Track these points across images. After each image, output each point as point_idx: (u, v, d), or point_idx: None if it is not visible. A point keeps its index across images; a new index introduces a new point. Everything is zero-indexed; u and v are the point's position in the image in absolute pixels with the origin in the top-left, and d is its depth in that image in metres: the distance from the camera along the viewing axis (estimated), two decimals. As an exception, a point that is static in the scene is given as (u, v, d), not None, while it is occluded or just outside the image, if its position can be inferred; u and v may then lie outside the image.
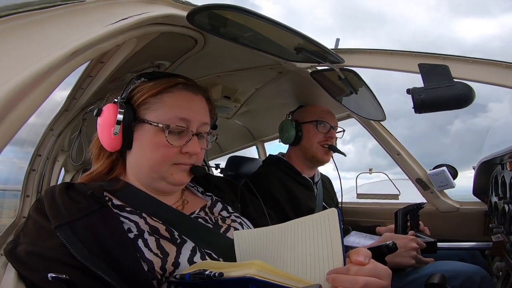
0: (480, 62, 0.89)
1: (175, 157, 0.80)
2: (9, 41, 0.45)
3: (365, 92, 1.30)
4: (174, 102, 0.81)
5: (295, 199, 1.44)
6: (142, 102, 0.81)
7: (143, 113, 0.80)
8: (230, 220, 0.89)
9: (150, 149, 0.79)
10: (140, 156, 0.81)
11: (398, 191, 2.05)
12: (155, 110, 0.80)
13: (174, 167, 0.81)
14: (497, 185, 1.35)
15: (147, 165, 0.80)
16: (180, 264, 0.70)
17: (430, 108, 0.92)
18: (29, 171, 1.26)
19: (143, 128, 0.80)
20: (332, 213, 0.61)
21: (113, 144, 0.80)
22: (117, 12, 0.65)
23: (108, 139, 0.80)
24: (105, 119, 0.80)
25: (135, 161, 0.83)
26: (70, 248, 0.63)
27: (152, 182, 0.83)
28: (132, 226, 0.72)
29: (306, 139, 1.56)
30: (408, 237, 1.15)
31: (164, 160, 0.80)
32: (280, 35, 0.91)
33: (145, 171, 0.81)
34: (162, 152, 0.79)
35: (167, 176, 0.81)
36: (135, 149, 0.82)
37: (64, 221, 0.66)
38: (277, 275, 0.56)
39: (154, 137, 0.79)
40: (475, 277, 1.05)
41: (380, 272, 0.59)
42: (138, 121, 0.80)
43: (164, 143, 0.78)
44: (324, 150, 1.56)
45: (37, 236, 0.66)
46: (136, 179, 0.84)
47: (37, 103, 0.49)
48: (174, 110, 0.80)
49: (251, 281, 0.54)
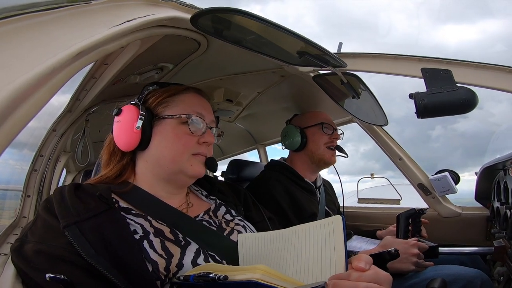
0: (484, 67, 0.89)
1: (194, 147, 0.86)
2: (15, 41, 0.45)
3: (368, 97, 1.30)
4: (190, 101, 0.90)
5: (298, 204, 1.44)
6: (159, 102, 0.87)
7: (161, 110, 0.87)
8: (234, 223, 0.89)
9: (172, 139, 0.85)
10: (161, 149, 0.85)
11: (399, 196, 2.04)
12: (174, 106, 0.87)
13: (193, 158, 0.86)
14: (499, 190, 1.34)
15: (168, 156, 0.84)
16: (184, 266, 0.71)
17: (432, 113, 0.92)
18: (31, 171, 1.26)
19: (163, 123, 0.86)
20: (337, 220, 0.61)
21: (132, 141, 0.83)
22: (122, 14, 0.66)
23: (129, 135, 0.83)
24: (126, 116, 0.84)
25: (154, 157, 0.86)
26: (78, 247, 0.64)
27: (170, 176, 0.86)
28: (138, 228, 0.73)
29: (312, 142, 1.57)
30: (409, 242, 1.15)
31: (185, 150, 0.85)
32: (283, 39, 0.91)
33: (166, 164, 0.85)
34: (183, 142, 0.85)
35: (187, 167, 0.85)
36: (154, 145, 0.85)
37: (73, 220, 0.67)
38: (281, 279, 0.57)
39: (175, 129, 0.85)
40: (476, 281, 1.04)
41: (381, 278, 0.59)
42: (157, 118, 0.86)
43: (186, 132, 0.85)
44: (331, 152, 1.57)
45: (45, 235, 0.67)
46: (152, 177, 0.87)
47: (41, 103, 0.49)
48: (192, 106, 0.88)
49: (256, 285, 0.54)
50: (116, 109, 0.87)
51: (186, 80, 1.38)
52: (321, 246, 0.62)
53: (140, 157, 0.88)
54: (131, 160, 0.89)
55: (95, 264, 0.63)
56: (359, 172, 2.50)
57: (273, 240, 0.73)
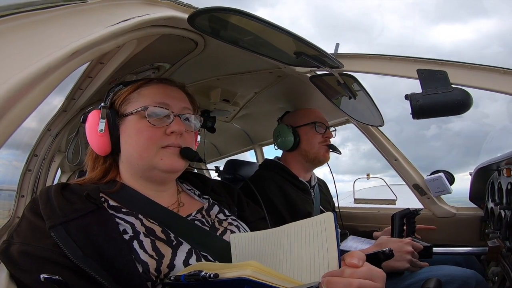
0: (479, 68, 0.90)
1: (160, 140, 0.81)
2: (10, 40, 0.45)
3: (364, 97, 1.31)
4: (151, 92, 0.85)
5: (292, 203, 1.44)
6: (123, 101, 0.85)
7: (124, 109, 0.85)
8: (227, 223, 0.89)
9: (135, 135, 0.82)
10: (128, 148, 0.83)
11: (395, 196, 2.05)
12: (135, 102, 0.84)
13: (162, 150, 0.82)
14: (493, 191, 1.36)
15: (135, 154, 0.81)
16: (176, 266, 0.70)
17: (428, 114, 0.93)
18: (25, 171, 1.25)
19: (126, 121, 0.83)
20: (328, 217, 0.61)
21: (102, 144, 0.82)
22: (118, 13, 0.65)
23: (96, 139, 0.82)
24: (90, 122, 0.84)
25: (125, 156, 0.85)
26: (64, 248, 0.62)
27: (145, 173, 0.83)
28: (128, 228, 0.72)
29: (306, 141, 1.57)
30: (403, 241, 1.16)
31: (150, 144, 0.80)
32: (280, 39, 0.91)
33: (135, 162, 0.82)
34: (146, 136, 0.81)
35: (157, 162, 0.81)
36: (123, 144, 0.84)
37: (59, 221, 0.66)
38: (273, 276, 0.56)
39: (137, 124, 0.82)
40: (471, 281, 1.05)
41: (375, 274, 0.59)
42: (121, 117, 0.84)
43: (147, 125, 0.80)
44: (324, 149, 1.58)
45: (30, 236, 0.66)
46: (131, 176, 0.85)
47: (36, 103, 0.49)
48: (152, 97, 0.84)
49: (246, 282, 0.53)
50: (82, 116, 0.86)
51: (183, 80, 1.37)
52: (313, 243, 0.62)
53: (119, 158, 0.88)
54: (114, 161, 0.89)
55: (82, 266, 0.61)
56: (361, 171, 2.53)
57: (266, 239, 0.73)
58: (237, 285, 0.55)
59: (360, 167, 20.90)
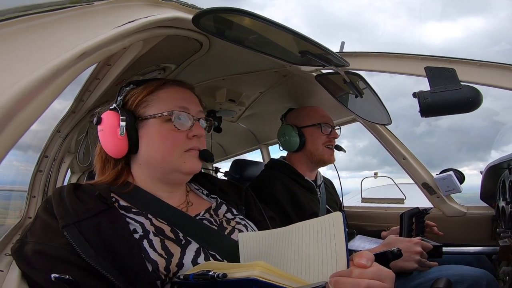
0: (488, 65, 0.88)
1: (184, 143, 0.83)
2: (18, 43, 0.46)
3: (371, 96, 1.29)
4: (169, 95, 0.86)
5: (299, 203, 1.44)
6: (139, 103, 0.84)
7: (142, 111, 0.84)
8: (235, 222, 0.89)
9: (159, 140, 0.82)
10: (150, 151, 0.83)
11: (403, 195, 2.03)
12: (155, 105, 0.84)
13: (185, 154, 0.84)
14: (504, 189, 1.33)
15: (159, 157, 0.82)
16: (184, 265, 0.71)
17: (436, 112, 0.91)
18: (36, 172, 1.27)
19: (147, 124, 0.83)
20: (337, 216, 0.61)
21: (120, 147, 0.81)
22: (124, 15, 0.66)
23: (114, 142, 0.81)
24: (107, 124, 0.81)
25: (145, 159, 0.84)
26: (77, 247, 0.64)
27: (164, 175, 0.85)
28: (138, 227, 0.73)
29: (311, 143, 1.55)
30: (412, 241, 1.14)
31: (174, 148, 0.82)
32: (285, 39, 0.91)
33: (157, 165, 0.83)
34: (171, 140, 0.82)
35: (180, 165, 0.83)
36: (143, 147, 0.83)
37: (72, 221, 0.67)
38: (281, 276, 0.56)
39: (160, 128, 0.82)
40: (481, 281, 1.03)
41: (383, 275, 0.58)
42: (139, 120, 0.83)
43: (172, 129, 0.82)
44: (329, 151, 1.56)
45: (44, 235, 0.67)
46: (147, 178, 0.85)
47: (45, 105, 0.50)
48: (172, 101, 0.85)
49: (254, 283, 0.54)
50: (96, 118, 0.83)
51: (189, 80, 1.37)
52: (321, 243, 0.62)
53: (133, 160, 0.87)
54: (125, 164, 0.87)
55: (94, 265, 0.63)
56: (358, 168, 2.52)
57: (274, 238, 0.73)
58: (245, 285, 0.55)
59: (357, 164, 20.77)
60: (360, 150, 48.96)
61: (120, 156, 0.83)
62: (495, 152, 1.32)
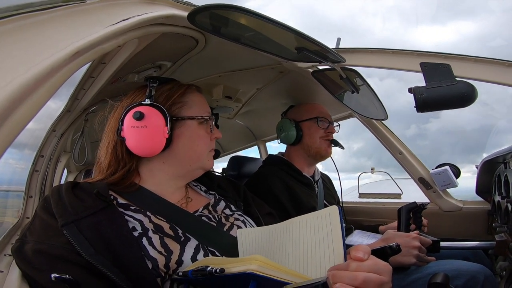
0: (483, 61, 0.88)
1: (210, 144, 0.93)
2: (11, 42, 0.45)
3: (367, 91, 1.30)
4: (200, 100, 0.93)
5: (297, 198, 1.44)
6: (173, 103, 0.86)
7: (177, 111, 0.87)
8: (233, 218, 0.90)
9: (196, 140, 0.88)
10: (187, 150, 0.87)
11: (400, 190, 2.04)
12: (191, 107, 0.89)
13: (210, 154, 0.93)
14: (500, 184, 1.34)
15: (195, 156, 0.89)
16: (184, 262, 0.71)
17: (432, 107, 0.92)
18: (32, 172, 1.26)
19: (185, 124, 0.87)
20: (333, 210, 0.62)
21: (160, 145, 0.81)
22: (118, 12, 0.66)
23: (158, 140, 0.80)
24: (153, 121, 0.80)
25: (177, 157, 0.87)
26: (77, 246, 0.64)
27: (190, 172, 0.91)
28: (137, 225, 0.73)
29: (308, 136, 1.57)
30: (410, 235, 1.15)
31: (206, 148, 0.91)
32: (281, 35, 0.90)
33: (189, 163, 0.89)
34: (204, 142, 0.90)
35: (206, 163, 0.92)
36: (178, 146, 0.85)
37: (71, 219, 0.67)
38: (279, 270, 0.57)
39: (197, 130, 0.89)
40: (479, 276, 1.04)
41: (380, 268, 0.58)
42: (176, 119, 0.85)
43: (206, 131, 0.91)
44: (327, 144, 1.58)
45: (43, 234, 0.67)
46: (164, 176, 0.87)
47: (39, 105, 0.49)
48: (203, 106, 0.92)
49: (252, 277, 0.54)
50: (138, 113, 0.79)
51: (185, 77, 1.37)
52: (318, 237, 0.62)
53: (153, 159, 0.85)
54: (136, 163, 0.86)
55: (94, 263, 0.63)
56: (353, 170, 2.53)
57: (272, 233, 0.73)
58: (243, 279, 0.55)
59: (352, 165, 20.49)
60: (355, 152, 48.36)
61: (152, 155, 0.82)
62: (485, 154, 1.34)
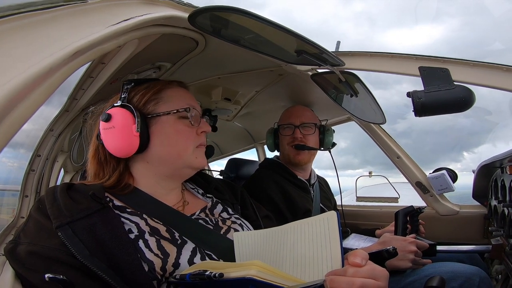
0: (481, 65, 0.89)
1: (195, 139, 0.87)
2: (11, 41, 0.45)
3: (365, 95, 1.30)
4: (178, 94, 0.88)
5: (292, 201, 1.45)
6: (147, 101, 0.84)
7: (152, 108, 0.84)
8: (230, 221, 0.89)
9: (175, 136, 0.83)
10: (165, 148, 0.83)
11: (397, 194, 2.05)
12: (166, 102, 0.85)
13: (197, 150, 0.87)
14: (496, 188, 1.35)
15: (174, 153, 0.83)
16: (180, 265, 0.71)
17: (430, 112, 0.92)
18: (28, 171, 1.25)
19: (160, 121, 0.83)
20: (332, 215, 0.62)
21: (133, 145, 0.79)
22: (119, 13, 0.66)
23: (129, 140, 0.78)
24: (120, 121, 0.79)
25: (158, 156, 0.83)
26: (71, 248, 0.63)
27: (176, 171, 0.86)
28: (133, 227, 0.73)
29: (281, 144, 1.62)
30: (407, 240, 1.15)
31: (189, 144, 0.85)
32: (281, 38, 0.91)
33: (171, 161, 0.84)
34: (186, 136, 0.85)
35: (193, 161, 0.86)
36: (156, 144, 0.82)
37: (65, 221, 0.66)
38: (277, 276, 0.57)
39: (175, 124, 0.84)
40: (474, 278, 1.04)
41: (377, 273, 0.59)
42: (150, 117, 0.82)
43: (187, 125, 0.85)
44: (294, 151, 1.56)
45: (37, 236, 0.66)
46: (153, 176, 0.85)
47: (38, 103, 0.49)
48: (182, 99, 0.87)
49: (251, 282, 0.54)
50: (106, 115, 0.79)
51: (184, 79, 1.36)
52: (316, 242, 0.62)
53: (137, 159, 0.84)
54: (126, 164, 0.85)
55: (89, 265, 0.62)
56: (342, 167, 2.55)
57: (269, 237, 0.73)
58: (242, 284, 0.55)
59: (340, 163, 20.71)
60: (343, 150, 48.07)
61: (128, 155, 0.81)
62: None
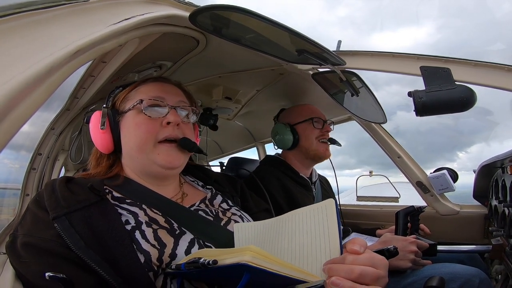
0: (482, 65, 0.89)
1: (158, 132, 0.82)
2: (12, 40, 0.45)
3: (366, 94, 1.30)
4: (148, 89, 0.88)
5: (293, 198, 1.45)
6: (123, 100, 0.88)
7: (122, 106, 0.87)
8: (231, 213, 0.89)
9: (133, 129, 0.83)
10: (128, 142, 0.84)
11: (398, 193, 2.04)
12: (132, 99, 0.86)
13: (160, 145, 0.82)
14: (497, 188, 1.35)
15: (134, 147, 0.82)
16: (177, 256, 0.70)
17: (431, 111, 0.92)
18: (29, 170, 1.26)
19: (125, 117, 0.85)
20: (329, 203, 0.61)
21: (105, 141, 0.85)
22: (120, 12, 0.65)
23: (100, 137, 0.85)
24: (93, 121, 0.87)
25: (126, 151, 0.86)
26: (67, 239, 0.63)
27: (145, 168, 0.84)
28: (130, 218, 0.73)
29: (304, 138, 1.57)
30: (407, 239, 1.15)
31: (148, 136, 0.81)
32: (282, 37, 0.90)
33: (135, 155, 0.83)
34: (144, 128, 0.82)
35: (155, 157, 0.82)
36: (123, 139, 0.85)
37: (62, 212, 0.66)
38: (273, 262, 0.55)
39: (134, 118, 0.84)
40: (474, 279, 1.04)
41: (377, 261, 0.58)
42: (120, 114, 0.86)
43: (144, 118, 0.82)
44: (324, 146, 1.57)
45: (34, 227, 0.66)
46: (133, 171, 0.87)
47: (39, 102, 0.49)
48: (147, 93, 0.86)
49: (246, 268, 0.52)
50: (86, 117, 0.90)
51: (185, 78, 1.37)
52: (315, 230, 0.62)
53: (123, 155, 0.89)
54: (117, 158, 0.90)
55: (83, 257, 0.62)
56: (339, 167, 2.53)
57: (268, 227, 0.73)
58: (237, 271, 0.54)
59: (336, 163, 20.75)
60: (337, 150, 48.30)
61: (108, 151, 0.87)
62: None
